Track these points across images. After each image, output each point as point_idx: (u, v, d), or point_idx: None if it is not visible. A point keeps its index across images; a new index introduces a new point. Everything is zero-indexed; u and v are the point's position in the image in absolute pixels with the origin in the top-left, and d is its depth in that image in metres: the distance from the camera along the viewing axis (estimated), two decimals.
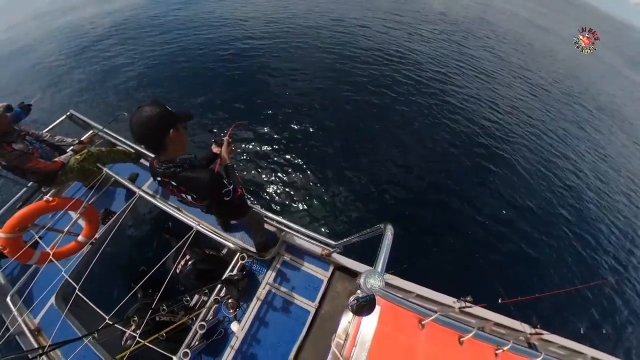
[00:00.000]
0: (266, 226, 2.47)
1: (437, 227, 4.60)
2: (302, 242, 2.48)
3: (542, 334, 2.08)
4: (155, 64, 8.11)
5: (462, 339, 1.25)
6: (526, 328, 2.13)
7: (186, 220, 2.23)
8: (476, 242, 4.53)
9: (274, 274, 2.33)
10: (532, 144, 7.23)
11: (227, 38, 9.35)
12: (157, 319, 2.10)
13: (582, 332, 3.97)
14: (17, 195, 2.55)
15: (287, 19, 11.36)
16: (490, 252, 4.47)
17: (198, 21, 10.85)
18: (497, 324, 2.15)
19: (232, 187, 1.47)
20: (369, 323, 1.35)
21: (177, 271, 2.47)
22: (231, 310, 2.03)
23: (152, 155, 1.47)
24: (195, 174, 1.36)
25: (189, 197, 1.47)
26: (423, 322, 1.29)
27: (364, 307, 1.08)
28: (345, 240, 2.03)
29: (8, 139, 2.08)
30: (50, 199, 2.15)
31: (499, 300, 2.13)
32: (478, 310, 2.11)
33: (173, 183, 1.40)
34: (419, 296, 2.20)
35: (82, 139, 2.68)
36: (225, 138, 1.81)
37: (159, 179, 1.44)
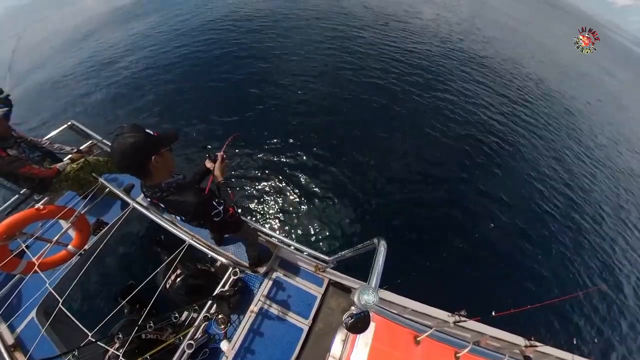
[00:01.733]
0: (260, 241, 2.46)
1: (429, 241, 4.63)
2: (295, 257, 2.46)
3: (536, 346, 2.07)
4: (158, 77, 8.28)
5: (458, 355, 1.24)
6: (520, 341, 2.12)
7: (179, 234, 2.20)
8: (468, 256, 4.55)
9: (266, 290, 2.29)
10: (525, 156, 7.41)
11: (225, 51, 9.59)
12: (143, 336, 2.01)
13: (574, 342, 3.96)
14: (8, 202, 2.50)
15: (282, 25, 11.81)
16: (482, 265, 4.49)
17: (199, 32, 11.22)
18: (492, 338, 2.14)
19: (222, 207, 1.43)
20: (364, 341, 1.33)
21: (167, 286, 2.40)
22: (222, 326, 1.97)
23: None
24: (183, 197, 1.33)
25: (179, 218, 1.46)
26: (418, 339, 1.29)
27: (359, 324, 1.08)
28: (338, 255, 2.03)
29: (4, 144, 2.09)
30: (41, 207, 2.11)
31: (493, 313, 2.12)
32: (472, 324, 2.09)
33: (162, 205, 1.41)
34: (413, 311, 2.18)
35: (80, 148, 2.69)
36: (219, 154, 1.78)
37: (149, 199, 1.45)
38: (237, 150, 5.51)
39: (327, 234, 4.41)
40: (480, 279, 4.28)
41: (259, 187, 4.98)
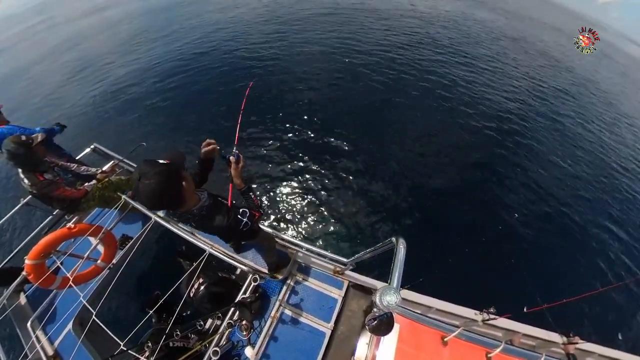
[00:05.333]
0: (277, 246, 2.48)
1: (451, 237, 4.47)
2: (314, 261, 2.46)
3: (576, 343, 1.92)
4: (169, 91, 8.62)
5: (490, 355, 1.18)
6: (558, 338, 1.98)
7: (199, 244, 2.26)
8: (492, 249, 4.35)
9: (287, 295, 2.29)
10: (555, 140, 7.10)
11: (237, 56, 9.84)
12: (171, 344, 2.07)
13: (620, 337, 3.66)
14: (44, 223, 2.69)
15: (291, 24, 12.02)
16: (509, 258, 4.27)
17: (207, 43, 11.60)
18: (526, 336, 2.01)
19: (247, 217, 1.45)
20: (389, 343, 1.30)
21: (191, 295, 2.47)
22: (245, 333, 1.99)
23: None
24: (211, 221, 1.37)
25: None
26: (446, 339, 1.24)
27: (382, 325, 1.06)
28: (357, 256, 2.01)
29: (40, 168, 2.26)
30: (72, 225, 2.24)
31: (525, 309, 2.00)
32: (503, 322, 1.99)
33: (192, 224, 1.45)
34: (438, 311, 2.10)
35: (104, 168, 2.86)
36: (232, 158, 1.57)
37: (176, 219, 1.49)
38: (250, 151, 5.59)
39: (345, 235, 4.37)
40: (508, 274, 4.07)
41: (275, 193, 5.02)
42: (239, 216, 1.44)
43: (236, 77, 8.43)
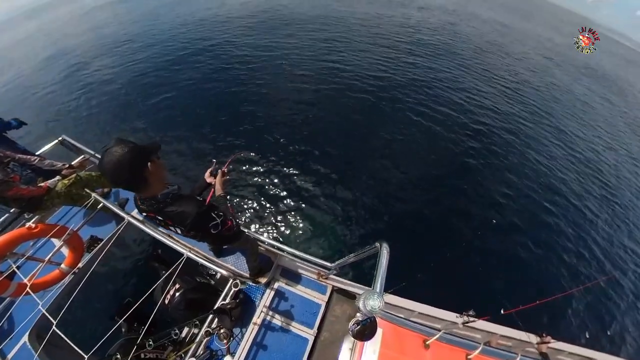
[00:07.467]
0: (260, 250, 2.41)
1: (432, 240, 4.59)
2: (297, 265, 2.42)
3: (549, 342, 2.03)
4: (149, 91, 8.28)
5: (469, 357, 1.21)
6: (532, 338, 2.08)
7: (176, 247, 2.15)
8: (472, 253, 4.51)
9: (269, 301, 2.23)
10: (526, 150, 7.46)
11: (220, 62, 9.73)
12: (143, 356, 1.93)
13: (587, 336, 3.89)
14: None
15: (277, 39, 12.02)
16: (487, 263, 4.44)
17: (191, 47, 11.35)
18: (503, 337, 2.10)
19: (221, 219, 1.42)
20: (372, 348, 1.29)
21: (166, 302, 2.33)
22: (224, 341, 1.90)
23: None
24: (181, 207, 1.31)
25: (178, 230, 1.41)
26: (427, 342, 1.25)
27: (366, 330, 1.05)
28: (341, 261, 2.00)
29: None
30: (33, 225, 2.04)
31: (502, 311, 2.10)
32: (482, 324, 2.06)
33: (159, 218, 1.37)
34: (420, 314, 2.14)
35: (72, 163, 2.64)
36: (221, 170, 1.81)
37: (144, 214, 1.40)
38: (237, 162, 5.48)
39: (329, 240, 4.36)
40: (487, 277, 4.24)
41: (258, 197, 4.93)
42: (213, 214, 1.41)
43: (229, 86, 8.27)
